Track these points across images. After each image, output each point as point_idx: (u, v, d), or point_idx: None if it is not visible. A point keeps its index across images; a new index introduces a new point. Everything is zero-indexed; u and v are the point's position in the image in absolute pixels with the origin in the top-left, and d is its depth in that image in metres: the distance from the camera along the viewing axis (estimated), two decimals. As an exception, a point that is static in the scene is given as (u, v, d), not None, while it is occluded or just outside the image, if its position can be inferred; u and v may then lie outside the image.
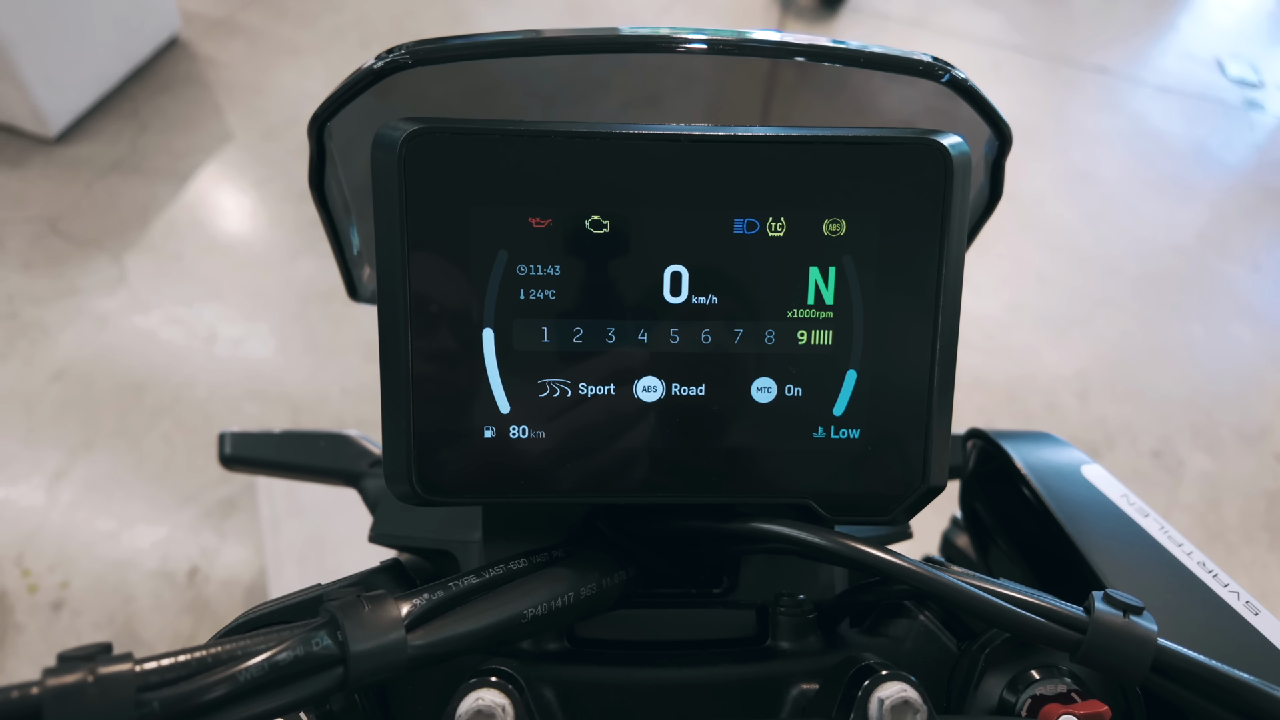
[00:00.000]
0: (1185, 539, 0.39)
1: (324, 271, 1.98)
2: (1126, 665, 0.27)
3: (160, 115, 2.25)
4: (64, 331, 1.81)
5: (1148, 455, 1.97)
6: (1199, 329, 2.23)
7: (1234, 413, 2.07)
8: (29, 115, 2.06)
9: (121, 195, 2.07)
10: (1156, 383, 2.10)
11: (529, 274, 0.31)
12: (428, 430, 0.31)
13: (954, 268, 0.31)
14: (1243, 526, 1.88)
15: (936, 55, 0.35)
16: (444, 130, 0.30)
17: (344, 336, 1.87)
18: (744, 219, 0.31)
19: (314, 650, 0.25)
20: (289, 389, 1.78)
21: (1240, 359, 2.18)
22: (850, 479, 0.32)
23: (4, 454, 1.62)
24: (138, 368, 1.77)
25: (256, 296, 1.92)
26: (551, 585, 0.31)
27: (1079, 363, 2.10)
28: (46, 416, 1.69)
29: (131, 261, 1.95)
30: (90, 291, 1.88)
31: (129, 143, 2.17)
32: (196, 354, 1.81)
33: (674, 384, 0.32)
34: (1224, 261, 2.42)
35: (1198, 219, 2.53)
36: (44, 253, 1.93)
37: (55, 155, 2.11)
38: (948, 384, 0.32)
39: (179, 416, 1.71)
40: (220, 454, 0.66)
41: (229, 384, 1.77)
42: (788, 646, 0.34)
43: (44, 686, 0.22)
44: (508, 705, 0.26)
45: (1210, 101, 2.99)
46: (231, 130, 2.26)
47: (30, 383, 1.73)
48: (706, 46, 0.34)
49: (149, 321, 1.85)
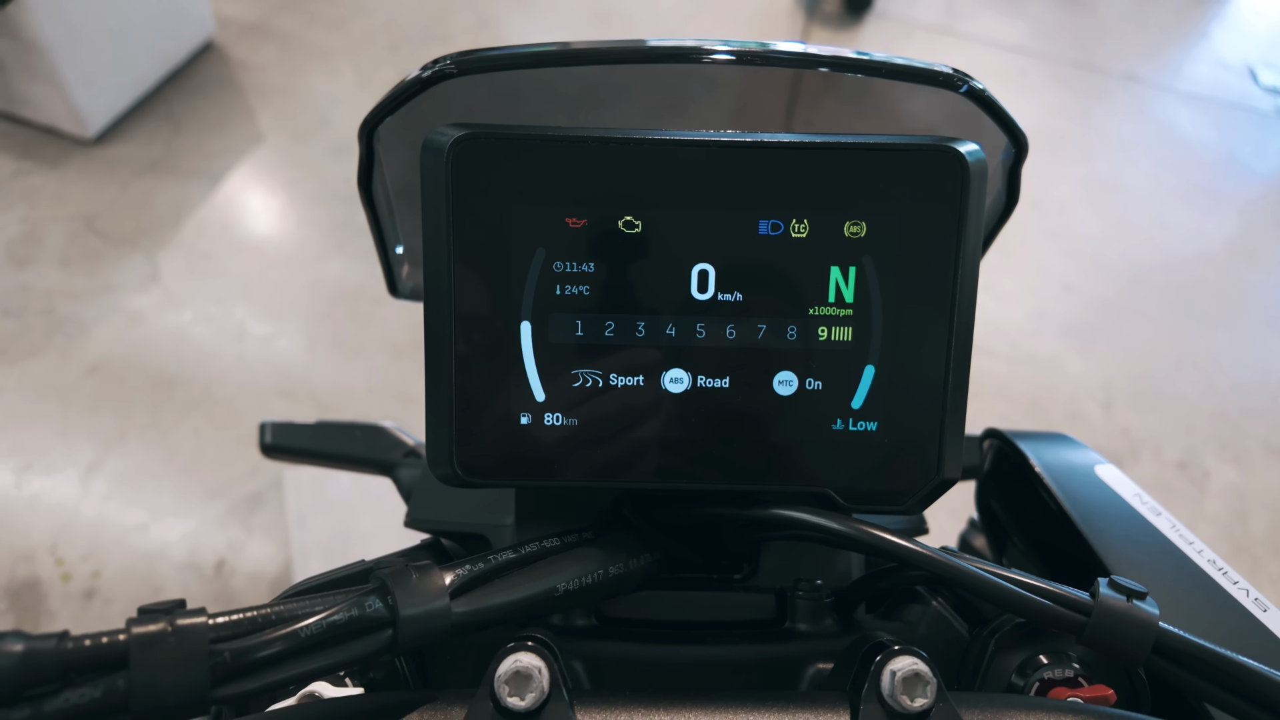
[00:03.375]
0: (1197, 538, 0.40)
1: (352, 272, 2.01)
2: (1129, 647, 0.28)
3: (194, 117, 2.30)
4: (99, 327, 1.86)
5: (1173, 466, 1.95)
6: (1227, 339, 2.21)
7: (1262, 424, 2.04)
8: (68, 117, 2.12)
9: (156, 195, 2.12)
10: (1182, 393, 2.07)
11: (565, 271, 0.32)
12: (468, 416, 0.33)
13: (969, 269, 0.32)
14: (1270, 540, 1.86)
15: (956, 67, 0.36)
16: (488, 135, 0.31)
17: (370, 335, 1.90)
18: (769, 220, 0.32)
19: (367, 613, 0.27)
20: (316, 387, 1.81)
21: (1269, 370, 2.15)
22: (867, 469, 0.34)
23: (40, 446, 1.66)
24: (169, 363, 1.81)
25: (285, 295, 1.96)
26: (582, 563, 0.33)
27: (1104, 372, 2.09)
28: (81, 409, 1.73)
29: (165, 260, 1.99)
30: (125, 288, 1.93)
31: (164, 144, 2.22)
32: (226, 350, 1.84)
33: (699, 376, 0.33)
34: (1253, 271, 2.39)
35: (1226, 228, 2.50)
36: (81, 250, 1.98)
37: (93, 156, 2.16)
38: (962, 380, 0.33)
39: (208, 411, 1.75)
40: (261, 443, 0.68)
41: (257, 380, 1.80)
42: (805, 629, 0.36)
43: (130, 634, 0.24)
44: (543, 668, 0.27)
45: (1242, 110, 2.95)
46: (263, 132, 2.30)
47: (66, 376, 1.77)
48: (734, 58, 0.35)
49: (181, 318, 1.89)
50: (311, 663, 0.26)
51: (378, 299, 1.96)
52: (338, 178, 2.21)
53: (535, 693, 0.27)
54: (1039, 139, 2.67)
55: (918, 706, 0.27)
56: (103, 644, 0.24)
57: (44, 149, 2.15)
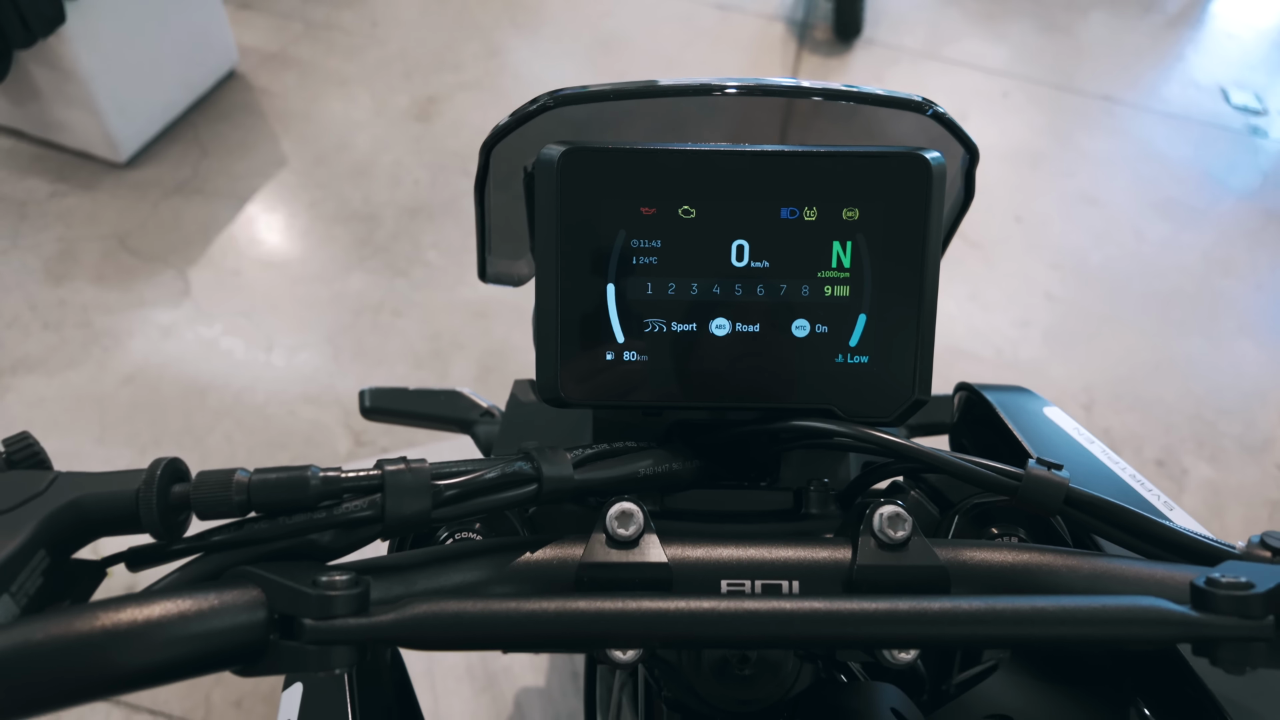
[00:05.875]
0: (1121, 459, 0.51)
1: (373, 286, 2.12)
2: (1048, 500, 0.39)
3: (220, 141, 2.42)
4: (133, 339, 1.96)
5: (1152, 464, 2.05)
6: (1202, 344, 2.32)
7: (1237, 424, 2.16)
8: (102, 142, 2.23)
9: (185, 215, 2.23)
10: (1160, 395, 2.19)
11: (639, 246, 0.44)
12: (568, 355, 0.44)
13: (934, 243, 0.44)
14: (1245, 533, 1.92)
15: (925, 95, 0.48)
16: (586, 149, 0.43)
17: (392, 346, 2.01)
18: (788, 208, 0.44)
19: (523, 471, 0.39)
20: (341, 394, 1.91)
21: (1243, 373, 2.27)
22: (861, 392, 0.45)
23: (79, 452, 1.76)
24: (201, 373, 1.91)
25: (310, 309, 2.07)
26: (654, 457, 0.44)
27: (1085, 376, 2.20)
28: (118, 417, 1.83)
29: (194, 276, 2.10)
30: (157, 303, 2.03)
31: (192, 167, 2.34)
32: (255, 361, 1.95)
33: (737, 323, 0.45)
34: (1227, 280, 2.51)
35: (1202, 240, 2.62)
36: (115, 267, 2.09)
37: (125, 178, 2.28)
38: (930, 326, 0.44)
39: (239, 418, 1.85)
40: (361, 407, 0.80)
41: (285, 389, 1.91)
42: (816, 513, 0.46)
43: (383, 470, 0.36)
44: (640, 512, 0.39)
45: (1215, 128, 3.09)
46: (286, 155, 2.42)
47: (103, 386, 1.87)
48: (738, 90, 0.47)
49: (211, 331, 2.00)
50: (489, 500, 0.37)
51: (398, 311, 2.07)
52: (357, 198, 2.33)
53: (635, 526, 0.38)
54: (1021, 157, 2.81)
55: (899, 537, 0.38)
56: (361, 475, 0.35)
57: (78, 172, 2.27)
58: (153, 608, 0.29)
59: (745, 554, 0.39)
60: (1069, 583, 0.38)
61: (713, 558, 0.38)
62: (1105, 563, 0.38)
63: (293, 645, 0.31)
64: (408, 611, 0.32)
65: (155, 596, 0.30)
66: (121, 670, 0.28)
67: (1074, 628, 0.32)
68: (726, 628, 0.33)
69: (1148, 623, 0.32)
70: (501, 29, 2.98)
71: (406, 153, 2.48)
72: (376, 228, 2.26)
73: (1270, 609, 0.32)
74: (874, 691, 0.44)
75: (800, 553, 0.39)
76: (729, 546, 0.39)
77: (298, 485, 0.35)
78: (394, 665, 0.50)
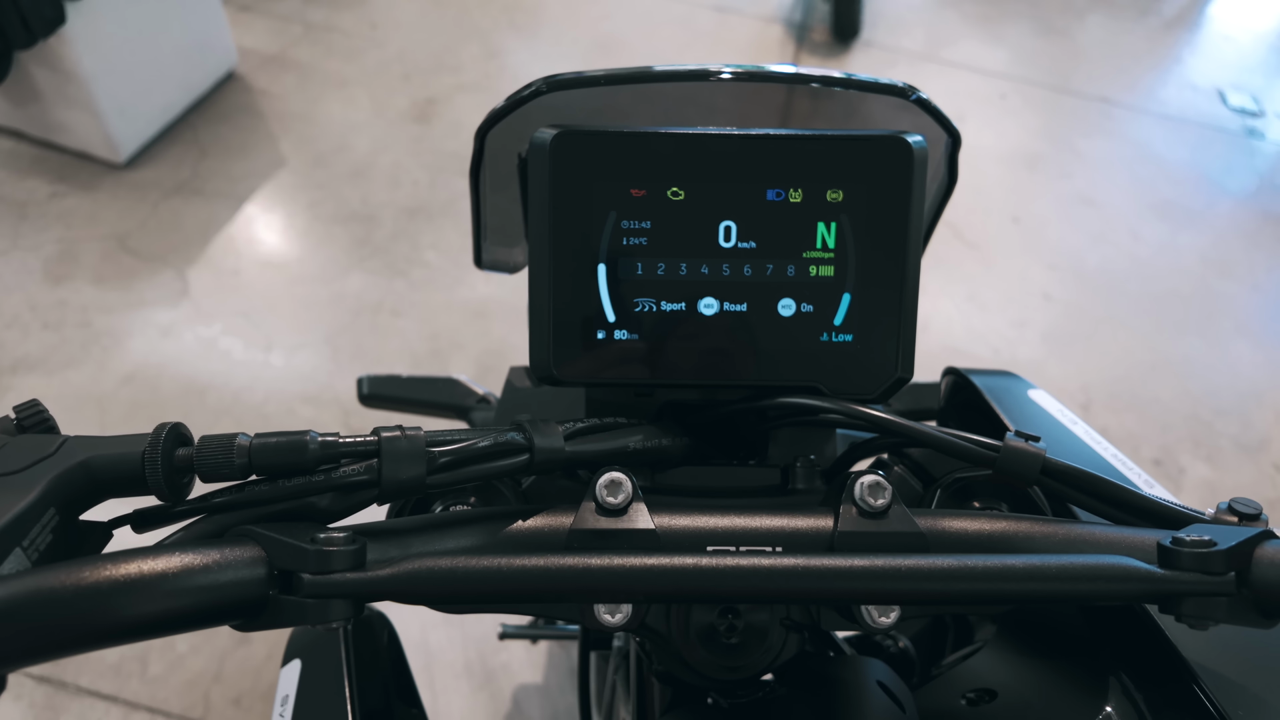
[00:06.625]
0: (1103, 439, 0.52)
1: (371, 286, 2.13)
2: (1025, 471, 0.40)
3: (219, 143, 2.43)
4: (133, 339, 1.97)
5: (1149, 463, 2.06)
6: (1199, 344, 2.33)
7: (1233, 424, 2.16)
8: (102, 143, 2.24)
9: (184, 215, 2.24)
10: (1157, 395, 2.19)
11: (629, 227, 0.45)
12: (561, 334, 0.45)
13: (916, 225, 0.44)
14: None
15: (907, 81, 0.48)
16: (577, 132, 0.44)
17: (390, 346, 2.02)
18: (774, 190, 0.44)
19: (514, 441, 0.39)
20: (339, 393, 1.91)
21: (1239, 373, 2.28)
22: (846, 369, 0.45)
23: (80, 449, 1.76)
24: (200, 372, 1.92)
25: (309, 309, 2.07)
26: (644, 433, 0.45)
27: (1082, 376, 2.21)
28: (118, 415, 1.83)
29: (194, 276, 2.11)
30: (156, 303, 2.04)
31: (191, 168, 2.35)
32: (254, 361, 1.95)
33: (725, 302, 0.45)
34: (1223, 281, 2.52)
35: (1198, 241, 2.63)
36: (114, 268, 2.10)
37: (124, 179, 2.29)
38: (912, 305, 0.45)
39: (238, 416, 1.85)
40: (359, 394, 0.81)
41: (284, 388, 1.91)
42: (803, 488, 0.47)
43: (380, 436, 0.36)
44: (628, 481, 0.39)
45: (1212, 130, 3.10)
46: (284, 156, 2.43)
47: (103, 385, 1.88)
48: (732, 76, 0.48)
49: (210, 331, 2.00)
50: (482, 469, 0.38)
51: (397, 311, 2.08)
52: (356, 198, 2.34)
53: (624, 494, 0.39)
54: (1019, 158, 2.82)
55: (879, 505, 0.39)
56: (358, 441, 0.36)
57: (78, 173, 2.28)
58: (158, 561, 0.30)
59: (730, 521, 0.39)
60: (1043, 547, 0.39)
61: (698, 525, 0.39)
62: (1079, 528, 0.39)
63: (292, 600, 0.32)
64: (403, 567, 0.33)
65: (160, 550, 0.31)
66: (127, 619, 0.29)
67: (1044, 584, 0.33)
68: (710, 581, 0.33)
69: (1115, 579, 0.33)
70: (500, 31, 3.00)
71: (405, 154, 2.49)
72: (375, 228, 2.27)
73: (1231, 565, 0.33)
74: (861, 664, 0.44)
75: (783, 520, 0.39)
76: (715, 515, 0.40)
77: (297, 449, 0.36)
78: (390, 643, 0.51)
